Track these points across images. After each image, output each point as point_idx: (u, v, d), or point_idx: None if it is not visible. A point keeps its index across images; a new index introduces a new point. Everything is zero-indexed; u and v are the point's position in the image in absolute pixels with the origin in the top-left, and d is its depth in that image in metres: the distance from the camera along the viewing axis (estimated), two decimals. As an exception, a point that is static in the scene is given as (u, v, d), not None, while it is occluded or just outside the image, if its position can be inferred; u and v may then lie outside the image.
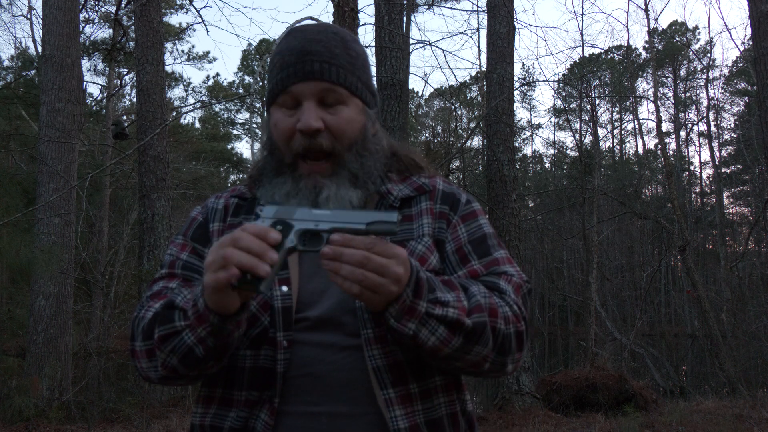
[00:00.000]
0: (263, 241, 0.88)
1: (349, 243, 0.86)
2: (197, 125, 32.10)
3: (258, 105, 32.39)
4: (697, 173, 35.43)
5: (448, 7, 19.18)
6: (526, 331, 1.04)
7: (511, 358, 1.02)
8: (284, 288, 1.05)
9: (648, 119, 39.64)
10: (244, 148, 64.97)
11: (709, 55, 30.23)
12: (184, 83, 29.81)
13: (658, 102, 18.96)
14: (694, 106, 33.59)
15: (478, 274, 1.08)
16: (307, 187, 1.07)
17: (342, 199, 1.06)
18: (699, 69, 31.31)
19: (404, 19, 8.31)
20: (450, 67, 61.90)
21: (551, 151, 37.57)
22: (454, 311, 0.94)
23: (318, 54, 1.08)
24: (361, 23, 5.92)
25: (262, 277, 0.86)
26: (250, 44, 32.77)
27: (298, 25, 1.23)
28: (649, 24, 15.15)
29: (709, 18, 61.61)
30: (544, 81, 18.13)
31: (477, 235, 1.13)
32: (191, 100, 30.30)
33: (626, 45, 26.77)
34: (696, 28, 32.23)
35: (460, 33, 28.72)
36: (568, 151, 35.49)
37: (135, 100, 13.90)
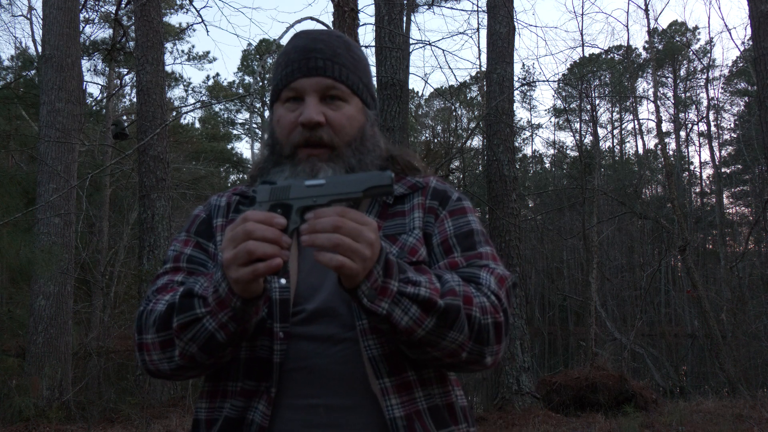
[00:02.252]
0: (272, 227, 0.89)
1: (321, 215, 0.89)
2: (197, 125, 32.13)
3: (258, 105, 32.40)
4: (697, 173, 35.47)
5: (448, 7, 19.21)
6: (506, 323, 1.03)
7: (490, 350, 1.01)
8: (282, 281, 1.06)
9: (648, 119, 39.66)
10: (244, 148, 65.01)
11: (709, 55, 30.27)
12: (184, 83, 29.84)
13: (658, 102, 18.97)
14: (694, 106, 33.62)
15: (457, 265, 1.09)
16: (305, 171, 1.09)
17: None
18: (699, 69, 31.34)
19: (404, 19, 8.31)
20: (450, 67, 61.94)
21: (551, 151, 37.61)
22: (426, 290, 0.94)
23: (322, 52, 1.13)
24: (361, 23, 5.92)
25: (285, 262, 0.90)
26: (250, 44, 32.82)
27: (303, 29, 1.26)
28: (649, 24, 15.16)
29: (709, 18, 61.62)
30: (544, 81, 18.17)
31: (464, 229, 1.13)
32: (191, 100, 30.34)
33: (626, 45, 26.80)
34: (696, 28, 32.27)
35: (460, 33, 28.79)
36: (568, 151, 35.53)
37: (135, 100, 13.91)
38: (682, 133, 33.11)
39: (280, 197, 0.93)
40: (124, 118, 18.54)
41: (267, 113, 1.30)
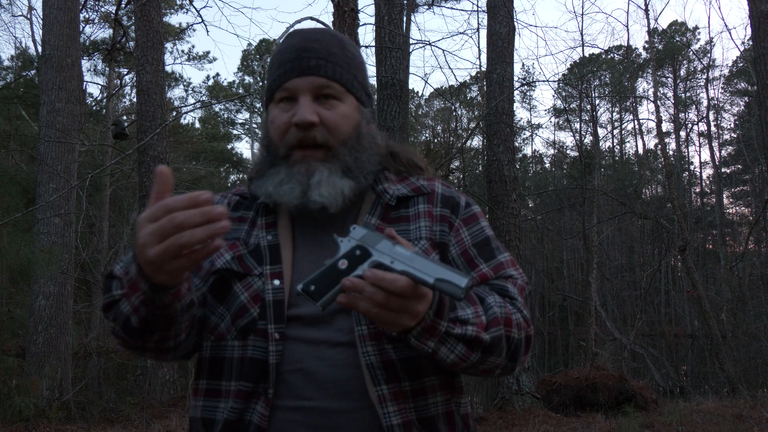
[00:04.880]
0: (198, 206, 0.82)
1: (379, 283, 0.86)
2: (197, 125, 32.12)
3: (258, 105, 32.36)
4: (697, 173, 35.45)
5: (448, 7, 19.19)
6: (533, 335, 1.08)
7: (520, 362, 1.06)
8: (276, 282, 1.06)
9: (648, 119, 39.65)
10: (244, 148, 65.07)
11: (709, 55, 30.30)
12: (184, 83, 29.84)
13: (658, 102, 18.96)
14: (694, 106, 33.61)
15: (487, 277, 1.11)
16: (300, 171, 1.09)
17: (334, 186, 1.09)
18: (699, 69, 31.33)
19: (404, 19, 8.31)
20: (450, 67, 61.83)
21: (551, 151, 37.58)
22: (473, 329, 0.96)
23: (315, 51, 1.12)
24: (361, 23, 5.90)
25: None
26: (250, 44, 32.77)
27: (297, 27, 1.26)
28: (649, 24, 15.10)
29: (709, 18, 61.60)
30: (544, 81, 18.07)
31: (480, 238, 1.15)
32: (191, 100, 30.33)
33: (626, 45, 26.82)
34: (696, 28, 32.29)
35: (460, 33, 28.69)
36: (568, 151, 35.51)
37: (135, 100, 13.91)
38: (682, 133, 33.13)
39: (367, 242, 0.94)
40: (124, 118, 18.54)
41: (262, 114, 1.28)
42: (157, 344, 1.02)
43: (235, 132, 35.04)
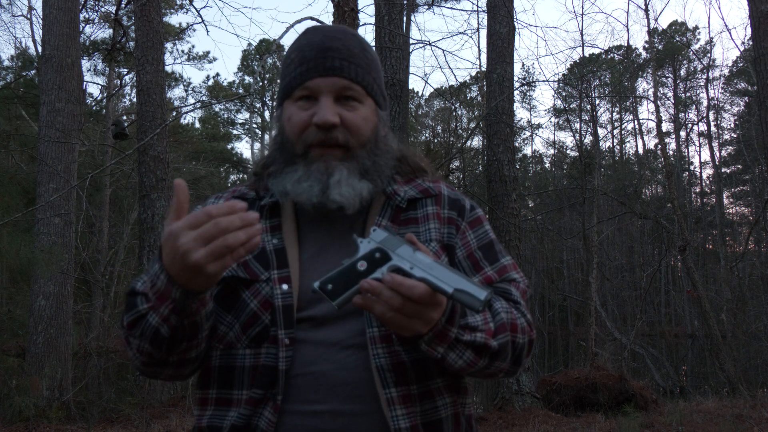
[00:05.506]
0: (236, 213, 0.88)
1: (398, 288, 0.88)
2: (197, 125, 32.12)
3: (258, 105, 32.43)
4: (697, 173, 35.46)
5: (448, 7, 19.16)
6: (535, 337, 1.09)
7: (522, 364, 1.08)
8: (284, 286, 1.05)
9: (648, 119, 39.64)
10: (244, 148, 65.12)
11: (709, 55, 30.32)
12: (184, 83, 29.88)
13: (658, 102, 18.96)
14: (694, 106, 33.62)
15: (492, 280, 1.12)
16: (319, 170, 1.08)
17: (353, 187, 1.08)
18: (699, 69, 31.34)
19: (404, 19, 8.30)
20: (450, 67, 61.84)
21: (551, 151, 37.58)
22: (481, 336, 0.98)
23: (338, 51, 1.11)
24: (361, 23, 5.90)
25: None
26: (250, 44, 32.79)
27: (315, 25, 1.25)
28: (649, 24, 15.07)
29: (709, 18, 61.59)
30: (544, 81, 18.08)
31: (485, 241, 1.17)
32: (191, 100, 30.36)
33: (626, 45, 26.82)
34: (696, 28, 32.29)
35: (460, 33, 28.60)
36: (568, 151, 35.52)
37: (135, 100, 13.92)
38: (682, 133, 33.14)
39: (387, 246, 0.94)
40: (124, 118, 18.53)
41: (275, 109, 1.27)
42: (180, 355, 1.02)
43: (235, 132, 35.10)
